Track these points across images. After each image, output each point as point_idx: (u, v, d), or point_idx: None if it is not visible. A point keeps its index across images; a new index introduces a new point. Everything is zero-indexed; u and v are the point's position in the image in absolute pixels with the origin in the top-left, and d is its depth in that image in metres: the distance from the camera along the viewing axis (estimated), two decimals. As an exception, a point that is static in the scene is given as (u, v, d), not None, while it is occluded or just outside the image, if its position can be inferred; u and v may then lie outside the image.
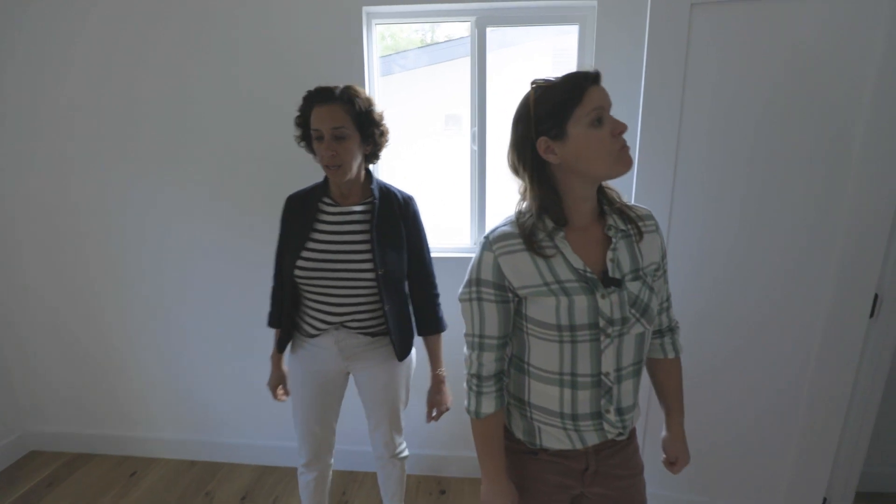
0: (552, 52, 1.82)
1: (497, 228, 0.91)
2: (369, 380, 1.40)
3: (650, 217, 0.95)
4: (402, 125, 1.88)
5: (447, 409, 1.46)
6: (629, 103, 1.50)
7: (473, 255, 0.94)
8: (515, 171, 0.92)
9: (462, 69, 1.81)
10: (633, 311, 0.88)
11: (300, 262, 1.27)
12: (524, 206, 0.91)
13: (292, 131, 1.30)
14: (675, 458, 1.08)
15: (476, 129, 1.81)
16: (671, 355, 1.04)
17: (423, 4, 1.66)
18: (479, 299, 0.90)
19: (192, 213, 1.92)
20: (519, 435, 0.98)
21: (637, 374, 0.94)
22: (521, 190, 0.92)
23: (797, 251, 1.39)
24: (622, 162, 0.83)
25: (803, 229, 1.37)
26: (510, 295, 0.89)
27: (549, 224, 0.87)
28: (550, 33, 1.78)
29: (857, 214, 1.31)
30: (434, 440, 2.02)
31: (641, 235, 0.93)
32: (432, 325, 1.41)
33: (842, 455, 1.50)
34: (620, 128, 0.83)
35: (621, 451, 0.98)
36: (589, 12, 1.66)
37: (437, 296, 1.41)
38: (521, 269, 0.87)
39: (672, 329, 1.06)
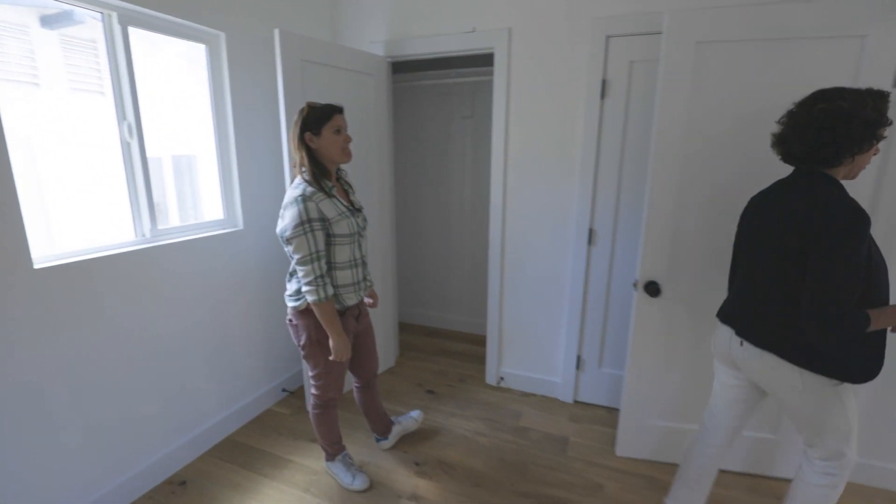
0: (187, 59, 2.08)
1: (304, 190, 1.59)
2: None
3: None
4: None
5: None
6: (258, 112, 2.26)
7: (291, 209, 1.57)
8: (297, 149, 1.63)
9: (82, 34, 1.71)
10: (364, 223, 1.82)
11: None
12: (306, 176, 1.63)
13: None
14: (373, 300, 2.05)
15: (132, 121, 1.83)
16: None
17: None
18: (312, 231, 1.58)
19: None
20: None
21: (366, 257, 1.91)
22: (299, 164, 1.64)
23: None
24: (345, 155, 1.72)
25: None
26: (326, 223, 1.62)
27: (328, 184, 1.67)
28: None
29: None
30: (169, 438, 1.96)
31: (353, 189, 1.88)
32: None
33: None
34: (348, 140, 1.72)
35: (362, 301, 1.91)
36: (215, 38, 2.11)
37: None
38: (329, 209, 1.63)
39: None
